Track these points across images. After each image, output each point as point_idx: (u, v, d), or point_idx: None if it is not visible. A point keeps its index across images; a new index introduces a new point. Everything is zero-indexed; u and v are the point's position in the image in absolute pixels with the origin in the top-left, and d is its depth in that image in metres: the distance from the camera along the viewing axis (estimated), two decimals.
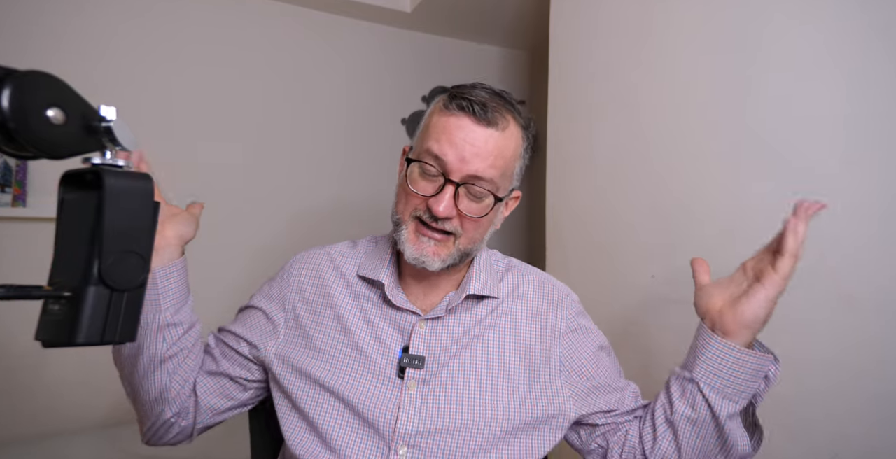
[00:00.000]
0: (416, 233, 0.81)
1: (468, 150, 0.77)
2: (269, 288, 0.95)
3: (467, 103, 0.77)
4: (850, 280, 0.95)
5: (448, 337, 0.85)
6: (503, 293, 0.90)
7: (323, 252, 0.97)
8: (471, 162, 0.77)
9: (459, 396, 0.81)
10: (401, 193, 0.83)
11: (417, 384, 0.81)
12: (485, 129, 0.78)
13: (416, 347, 0.83)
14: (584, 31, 1.56)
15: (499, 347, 0.86)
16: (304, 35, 2.27)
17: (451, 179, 0.77)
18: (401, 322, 0.86)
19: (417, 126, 0.87)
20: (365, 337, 0.85)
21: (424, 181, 0.79)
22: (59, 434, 1.73)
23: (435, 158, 0.78)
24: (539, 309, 0.91)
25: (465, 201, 0.79)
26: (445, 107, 0.80)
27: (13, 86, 0.36)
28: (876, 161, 0.93)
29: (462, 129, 0.77)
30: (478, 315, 0.88)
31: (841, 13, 0.97)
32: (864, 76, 0.94)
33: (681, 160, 1.26)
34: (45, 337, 0.43)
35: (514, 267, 0.96)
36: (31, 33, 1.79)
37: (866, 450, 0.93)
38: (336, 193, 2.32)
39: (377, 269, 0.88)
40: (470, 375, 0.83)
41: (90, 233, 0.43)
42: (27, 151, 0.38)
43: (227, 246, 2.08)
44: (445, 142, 0.77)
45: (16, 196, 1.71)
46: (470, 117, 0.77)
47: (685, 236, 1.24)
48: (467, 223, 0.81)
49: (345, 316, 0.87)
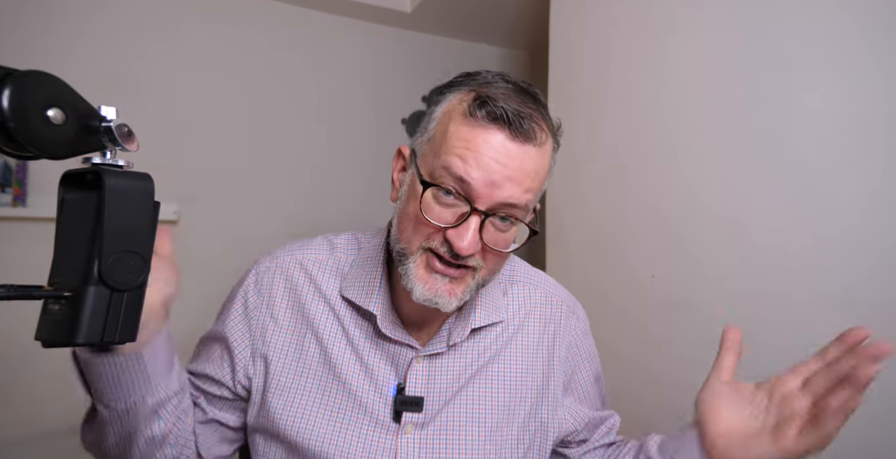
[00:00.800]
0: (428, 269, 0.65)
1: (501, 173, 0.61)
2: (231, 317, 0.78)
3: (501, 112, 0.61)
4: (850, 281, 0.95)
5: (449, 375, 0.74)
6: (509, 312, 0.80)
7: (292, 259, 0.78)
8: (503, 187, 0.61)
9: (462, 439, 0.72)
10: (406, 218, 0.66)
11: (415, 428, 0.71)
12: (521, 146, 0.62)
13: (413, 387, 0.72)
14: (584, 31, 1.56)
15: (505, 380, 0.76)
16: (303, 35, 2.27)
17: (476, 208, 0.61)
18: (395, 356, 0.73)
19: (420, 128, 0.70)
20: (355, 372, 0.73)
21: (440, 206, 0.63)
22: (59, 434, 1.73)
23: (458, 180, 0.61)
24: (546, 331, 0.82)
25: (491, 231, 0.64)
26: (470, 115, 0.62)
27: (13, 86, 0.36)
28: (876, 161, 0.93)
29: (492, 147, 0.61)
30: (482, 344, 0.77)
31: (841, 13, 0.97)
32: (866, 76, 0.94)
33: (681, 160, 1.26)
34: (45, 337, 0.43)
35: (517, 275, 0.84)
36: (31, 33, 1.79)
37: (866, 450, 0.92)
38: (336, 193, 2.32)
39: (366, 295, 0.73)
40: (474, 414, 0.74)
41: (90, 233, 0.42)
42: (27, 151, 0.38)
43: (228, 247, 2.08)
44: (472, 162, 0.61)
45: (16, 196, 1.71)
46: (503, 131, 0.61)
47: (685, 236, 1.24)
48: (490, 256, 0.66)
49: (329, 345, 0.74)
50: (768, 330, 1.07)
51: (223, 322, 0.78)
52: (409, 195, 0.66)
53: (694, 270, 1.22)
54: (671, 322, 1.26)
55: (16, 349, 1.71)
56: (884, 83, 0.91)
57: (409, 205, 0.66)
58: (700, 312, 1.20)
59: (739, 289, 1.12)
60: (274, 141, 2.20)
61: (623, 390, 1.39)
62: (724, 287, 1.15)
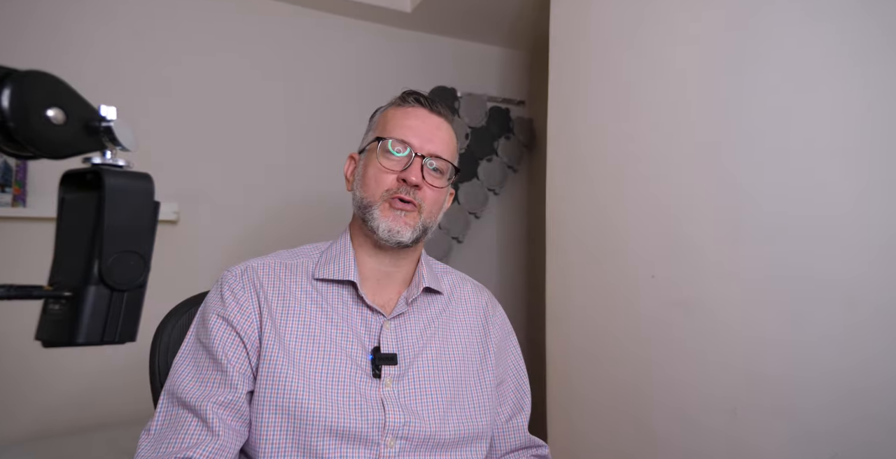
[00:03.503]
0: (391, 209, 0.88)
1: (428, 131, 0.91)
2: (223, 305, 0.85)
3: (422, 98, 0.93)
4: (850, 280, 0.95)
5: (413, 334, 0.91)
6: (447, 291, 0.99)
7: (263, 261, 0.92)
8: (432, 141, 0.91)
9: (433, 387, 0.88)
10: (367, 179, 0.90)
11: (392, 381, 0.85)
12: (437, 117, 0.93)
13: (386, 346, 0.87)
14: (584, 31, 1.56)
15: (457, 340, 0.95)
16: (303, 35, 2.27)
17: (417, 153, 0.89)
18: (369, 321, 0.89)
19: (364, 136, 0.99)
20: (339, 337, 0.86)
21: (391, 161, 0.89)
22: (59, 435, 1.73)
23: (401, 141, 0.89)
24: (478, 309, 1.01)
25: (429, 175, 0.90)
26: (403, 102, 0.94)
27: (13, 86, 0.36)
28: (876, 161, 0.93)
29: (419, 117, 0.92)
30: (433, 311, 0.96)
31: (841, 13, 0.97)
32: (865, 76, 0.94)
33: (681, 160, 1.26)
34: (45, 337, 0.43)
35: (448, 270, 1.06)
36: (31, 33, 1.79)
37: (866, 450, 0.93)
38: (336, 193, 2.32)
39: (344, 270, 0.90)
40: (437, 367, 0.90)
41: (90, 233, 0.42)
42: (27, 151, 0.38)
43: (228, 247, 2.08)
44: (408, 127, 0.90)
45: (16, 196, 1.71)
46: (425, 108, 0.93)
47: (685, 236, 1.24)
48: (429, 195, 0.90)
49: (312, 322, 0.86)
50: (768, 329, 1.07)
51: (217, 315, 0.85)
52: (367, 165, 0.92)
53: (694, 270, 1.22)
54: (671, 322, 1.26)
55: (15, 349, 1.71)
56: (884, 83, 0.91)
57: (369, 169, 0.91)
58: (700, 312, 1.20)
59: (740, 289, 1.12)
60: (274, 140, 2.20)
61: (622, 390, 1.39)
62: (725, 287, 1.15)
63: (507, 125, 2.65)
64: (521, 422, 0.99)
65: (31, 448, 1.58)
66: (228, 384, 0.80)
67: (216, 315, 0.85)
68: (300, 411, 0.78)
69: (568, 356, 1.56)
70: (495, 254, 2.74)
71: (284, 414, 0.79)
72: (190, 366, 0.83)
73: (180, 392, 0.79)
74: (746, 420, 1.10)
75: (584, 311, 1.50)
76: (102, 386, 1.83)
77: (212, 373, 0.81)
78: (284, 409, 0.79)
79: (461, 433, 0.87)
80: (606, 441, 1.43)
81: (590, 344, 1.48)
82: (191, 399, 0.78)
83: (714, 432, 1.16)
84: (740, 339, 1.11)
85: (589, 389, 1.49)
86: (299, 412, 0.78)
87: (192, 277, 1.81)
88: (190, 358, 0.84)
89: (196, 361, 0.83)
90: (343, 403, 0.80)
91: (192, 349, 0.85)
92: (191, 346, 0.85)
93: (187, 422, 0.77)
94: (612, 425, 1.42)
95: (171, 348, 0.94)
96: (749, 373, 1.10)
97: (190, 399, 0.78)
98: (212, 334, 0.83)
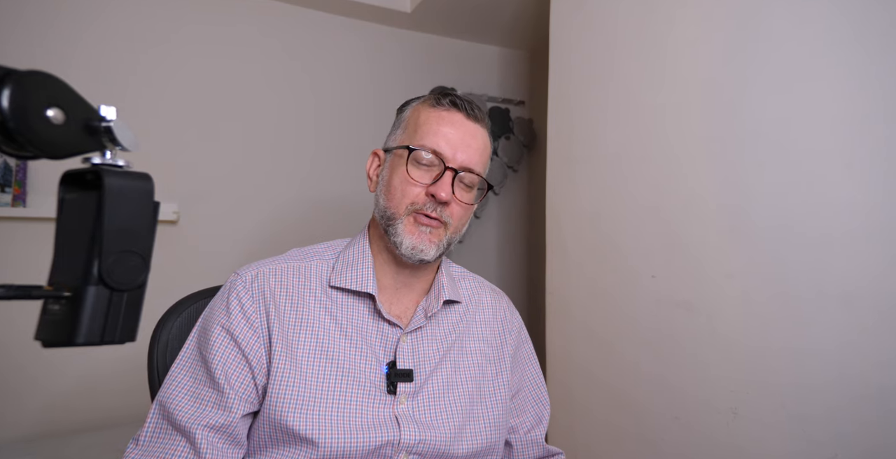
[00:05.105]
0: (415, 224, 0.82)
1: (463, 141, 0.83)
2: (228, 317, 0.80)
3: (458, 101, 0.85)
4: (850, 280, 0.95)
5: (430, 348, 0.87)
6: (465, 298, 0.95)
7: (275, 266, 0.86)
8: (465, 152, 0.83)
9: (448, 402, 0.85)
10: (393, 189, 0.84)
11: (408, 398, 0.82)
12: (474, 124, 0.85)
13: (403, 361, 0.83)
14: (584, 31, 1.56)
15: (474, 352, 0.91)
16: (303, 35, 2.27)
17: (449, 166, 0.82)
18: (386, 335, 0.85)
19: (392, 131, 0.90)
20: (355, 353, 0.82)
21: (420, 171, 0.82)
22: (59, 435, 1.73)
23: (432, 150, 0.82)
24: (495, 318, 0.97)
25: (459, 190, 0.84)
26: (437, 103, 0.85)
27: (13, 85, 0.35)
28: (876, 161, 0.93)
29: (455, 123, 0.84)
30: (451, 321, 0.92)
31: (841, 13, 0.97)
32: (865, 75, 0.94)
33: (681, 160, 1.26)
34: (44, 337, 0.43)
35: (465, 274, 1.02)
36: (32, 33, 1.79)
37: (866, 450, 0.92)
38: (336, 193, 2.32)
39: (363, 279, 0.84)
40: (453, 383, 0.87)
41: (90, 233, 0.42)
42: (27, 151, 0.38)
43: (228, 247, 2.08)
44: (442, 135, 0.83)
45: (16, 196, 1.71)
46: (461, 112, 0.85)
47: (685, 236, 1.24)
48: (457, 211, 0.84)
49: (325, 336, 0.81)
50: (769, 330, 1.07)
51: (222, 328, 0.80)
52: (393, 170, 0.85)
53: (694, 270, 1.22)
54: (671, 322, 1.26)
55: (15, 349, 1.71)
56: (884, 82, 0.91)
57: (395, 177, 0.84)
58: (700, 312, 1.20)
59: (740, 289, 1.12)
60: (274, 141, 2.20)
61: (622, 389, 1.39)
62: (725, 287, 1.15)
63: (508, 125, 2.65)
64: (539, 434, 0.97)
65: (31, 449, 1.58)
66: (224, 406, 0.75)
67: (220, 327, 0.79)
68: (311, 435, 0.75)
69: (568, 356, 1.56)
70: (495, 254, 2.74)
71: (293, 436, 0.76)
72: (186, 379, 0.78)
73: (172, 409, 0.75)
74: (746, 420, 1.10)
75: (584, 311, 1.50)
76: (102, 387, 1.83)
77: (208, 392, 0.76)
78: (293, 432, 0.75)
79: (475, 447, 0.84)
80: (606, 441, 1.43)
81: (590, 343, 1.48)
82: (181, 421, 0.74)
83: (714, 432, 1.16)
84: (740, 339, 1.11)
85: (589, 389, 1.49)
86: (309, 435, 0.75)
87: (191, 277, 1.80)
88: (188, 369, 0.79)
89: (193, 374, 0.78)
90: (356, 425, 0.77)
91: (191, 360, 0.80)
92: (190, 356, 0.81)
93: (176, 442, 0.74)
94: (611, 425, 1.42)
95: (170, 346, 0.93)
96: (749, 374, 1.10)
97: (181, 421, 0.74)
98: (213, 349, 0.78)
